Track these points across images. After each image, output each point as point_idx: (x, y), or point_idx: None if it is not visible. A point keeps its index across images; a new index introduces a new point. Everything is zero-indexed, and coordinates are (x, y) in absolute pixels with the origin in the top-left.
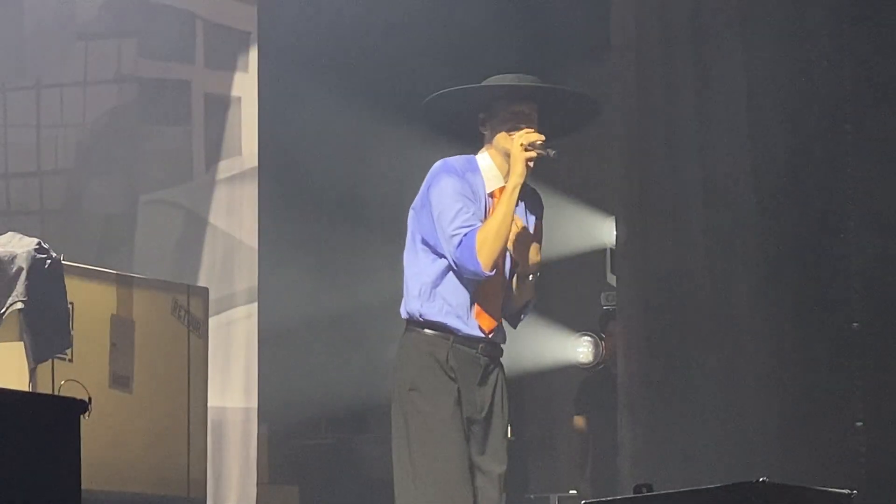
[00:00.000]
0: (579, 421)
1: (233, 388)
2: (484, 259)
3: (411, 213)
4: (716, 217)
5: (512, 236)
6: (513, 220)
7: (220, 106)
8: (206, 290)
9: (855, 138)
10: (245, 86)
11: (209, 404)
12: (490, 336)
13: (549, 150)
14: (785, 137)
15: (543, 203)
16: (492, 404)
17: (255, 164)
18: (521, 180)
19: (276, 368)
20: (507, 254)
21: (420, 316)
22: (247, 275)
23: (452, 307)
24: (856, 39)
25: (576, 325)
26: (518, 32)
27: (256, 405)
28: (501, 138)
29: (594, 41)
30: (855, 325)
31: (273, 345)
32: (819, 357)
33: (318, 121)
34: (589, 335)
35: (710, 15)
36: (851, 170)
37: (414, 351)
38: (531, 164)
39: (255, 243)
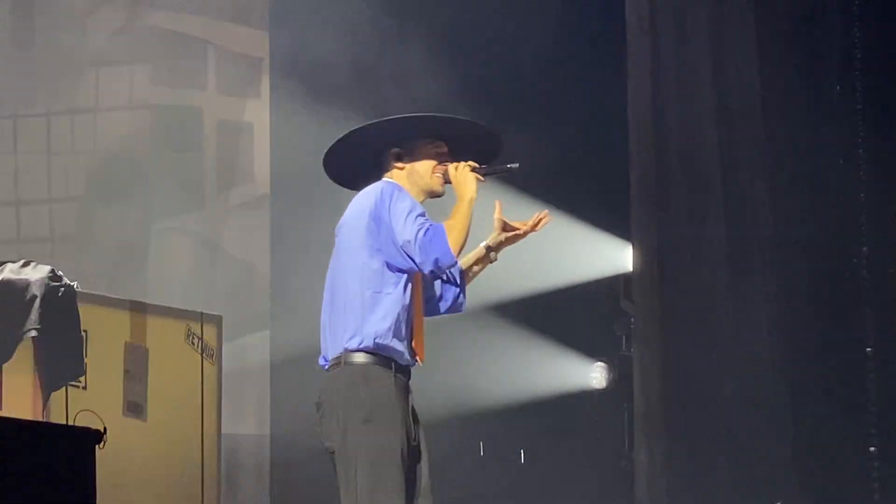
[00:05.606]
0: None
1: (246, 415)
2: (453, 244)
3: (362, 231)
4: (732, 246)
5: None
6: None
7: (233, 132)
8: (219, 317)
9: (868, 164)
10: (257, 112)
11: (222, 431)
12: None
13: (510, 165)
14: (800, 161)
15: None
16: (417, 434)
17: (268, 190)
18: (475, 195)
19: (289, 395)
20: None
21: (377, 341)
22: (260, 301)
23: (401, 336)
24: (867, 57)
25: (589, 350)
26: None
27: (269, 432)
28: (425, 174)
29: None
30: (868, 349)
31: (286, 371)
32: (833, 382)
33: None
34: (602, 361)
35: (728, 44)
36: (864, 195)
37: (369, 383)
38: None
39: (267, 270)
